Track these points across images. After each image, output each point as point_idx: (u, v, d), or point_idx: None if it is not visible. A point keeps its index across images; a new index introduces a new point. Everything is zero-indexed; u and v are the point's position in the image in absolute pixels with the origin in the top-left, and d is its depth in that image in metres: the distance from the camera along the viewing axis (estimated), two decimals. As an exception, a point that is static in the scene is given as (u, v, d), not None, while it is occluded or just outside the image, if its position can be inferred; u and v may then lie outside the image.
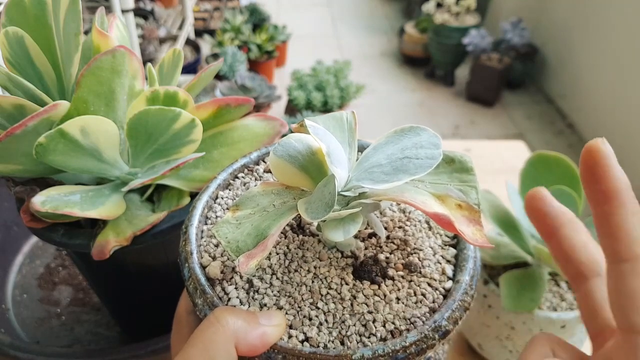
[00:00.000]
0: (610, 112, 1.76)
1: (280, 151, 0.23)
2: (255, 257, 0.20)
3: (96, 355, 0.40)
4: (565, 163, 0.41)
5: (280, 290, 0.24)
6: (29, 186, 0.34)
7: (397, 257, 0.26)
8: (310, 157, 0.24)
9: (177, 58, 0.37)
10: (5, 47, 0.32)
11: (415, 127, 0.24)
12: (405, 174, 0.22)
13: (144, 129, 0.31)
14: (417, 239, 0.27)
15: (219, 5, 2.72)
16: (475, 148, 0.77)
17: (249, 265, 0.20)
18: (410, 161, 0.22)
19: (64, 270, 0.54)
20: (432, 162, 0.22)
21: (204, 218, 0.27)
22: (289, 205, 0.23)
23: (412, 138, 0.24)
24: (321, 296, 0.23)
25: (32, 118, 0.28)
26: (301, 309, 0.23)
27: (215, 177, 0.29)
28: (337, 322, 0.23)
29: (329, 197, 0.21)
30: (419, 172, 0.22)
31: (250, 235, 0.22)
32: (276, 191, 0.24)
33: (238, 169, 0.30)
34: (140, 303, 0.44)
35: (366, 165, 0.23)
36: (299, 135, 0.24)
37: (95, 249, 0.33)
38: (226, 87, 1.55)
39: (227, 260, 0.25)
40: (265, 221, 0.22)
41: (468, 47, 2.11)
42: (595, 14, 1.84)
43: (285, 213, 0.22)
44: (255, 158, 0.31)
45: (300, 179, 0.24)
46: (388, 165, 0.22)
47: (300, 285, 0.24)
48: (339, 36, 2.85)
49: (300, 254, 0.25)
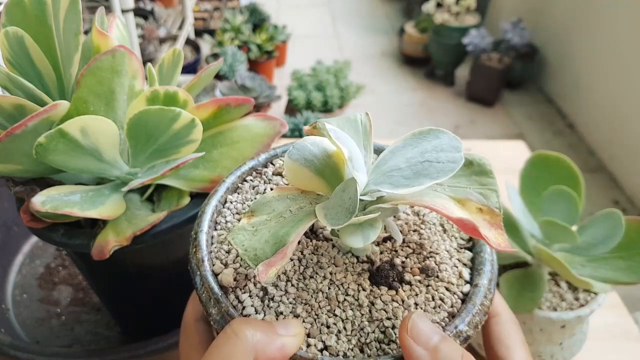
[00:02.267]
0: (610, 112, 1.76)
1: (296, 155, 0.23)
2: (274, 265, 0.20)
3: (96, 355, 0.40)
4: (565, 163, 0.41)
5: (296, 298, 0.23)
6: (29, 186, 0.34)
7: (413, 261, 0.25)
8: (327, 160, 0.23)
9: (177, 58, 0.37)
10: (5, 47, 0.32)
11: (434, 130, 0.23)
12: (426, 178, 0.21)
13: (143, 129, 0.31)
14: (432, 242, 0.26)
15: (219, 5, 2.72)
16: (475, 148, 0.77)
17: (269, 274, 0.19)
18: (432, 165, 0.22)
19: (64, 270, 0.54)
20: (455, 165, 0.21)
21: (213, 223, 0.26)
22: (307, 210, 0.23)
23: (432, 141, 0.23)
24: (339, 303, 0.23)
25: (32, 118, 0.28)
26: (318, 317, 0.22)
27: (223, 180, 0.29)
28: (356, 330, 0.22)
29: (350, 202, 0.20)
30: (441, 177, 0.21)
31: (269, 242, 0.21)
32: (292, 196, 0.24)
33: (246, 171, 0.30)
34: (140, 303, 0.44)
35: (384, 169, 0.23)
36: (314, 138, 0.24)
37: (95, 249, 0.33)
38: (226, 87, 1.55)
39: (239, 267, 0.24)
40: (283, 228, 0.22)
41: (468, 47, 2.11)
42: (595, 14, 1.84)
43: (303, 219, 0.22)
44: (264, 160, 0.31)
45: (317, 184, 0.23)
46: (408, 169, 0.22)
47: (317, 292, 0.23)
48: (339, 36, 2.85)
49: (315, 260, 0.24)
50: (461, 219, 0.20)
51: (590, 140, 1.89)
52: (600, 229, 0.37)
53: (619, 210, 0.36)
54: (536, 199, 0.41)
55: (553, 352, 0.41)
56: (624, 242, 0.36)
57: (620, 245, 0.36)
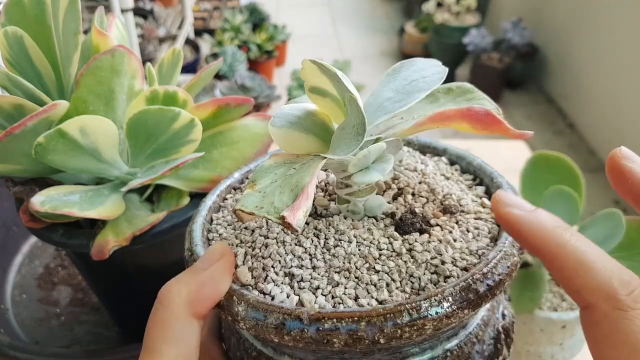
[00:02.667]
0: (611, 112, 1.76)
1: (279, 122, 0.22)
2: (300, 207, 0.18)
3: (95, 355, 0.40)
4: (566, 163, 0.41)
5: (329, 269, 0.22)
6: (28, 186, 0.34)
7: (432, 207, 0.24)
8: (312, 119, 0.23)
9: (176, 57, 0.37)
10: (4, 47, 0.32)
11: (406, 61, 0.23)
12: (419, 92, 0.20)
13: (143, 128, 0.31)
14: (442, 187, 0.26)
15: (218, 5, 2.72)
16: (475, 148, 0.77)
17: (297, 216, 0.18)
18: (419, 81, 0.21)
19: (64, 271, 0.54)
20: (441, 75, 0.21)
21: (205, 239, 0.25)
22: (312, 160, 0.21)
23: (410, 68, 0.23)
24: (376, 259, 0.22)
25: (31, 118, 0.28)
26: (360, 278, 0.21)
27: (203, 201, 0.27)
28: (405, 278, 0.21)
29: (357, 124, 0.19)
30: (433, 86, 0.20)
31: (284, 192, 0.20)
32: (288, 161, 0.22)
33: (224, 190, 0.29)
34: (139, 303, 0.44)
35: (375, 105, 0.22)
36: (291, 104, 0.23)
37: (95, 249, 0.33)
38: (226, 86, 1.55)
39: (252, 264, 0.23)
40: (294, 177, 0.20)
41: (468, 47, 2.11)
42: (596, 13, 1.84)
43: (311, 165, 0.20)
44: (239, 177, 0.30)
45: (309, 143, 0.22)
46: (398, 95, 0.21)
47: (349, 256, 0.22)
48: (339, 36, 2.85)
49: (333, 231, 0.23)
50: (473, 110, 0.19)
51: (591, 140, 1.89)
52: (601, 229, 0.37)
53: (619, 210, 0.36)
54: (537, 199, 0.41)
55: (553, 353, 0.41)
56: (625, 242, 0.36)
57: (620, 245, 0.36)
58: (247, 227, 0.25)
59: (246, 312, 0.20)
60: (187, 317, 0.19)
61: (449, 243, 0.22)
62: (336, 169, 0.23)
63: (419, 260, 0.21)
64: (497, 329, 0.25)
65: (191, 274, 0.20)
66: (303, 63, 0.21)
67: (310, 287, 0.21)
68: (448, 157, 0.29)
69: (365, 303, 0.20)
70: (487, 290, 0.19)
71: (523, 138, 0.20)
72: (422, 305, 0.19)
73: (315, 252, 0.22)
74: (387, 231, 0.23)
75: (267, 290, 0.21)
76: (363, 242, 0.22)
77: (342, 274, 0.21)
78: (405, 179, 0.26)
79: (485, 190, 0.26)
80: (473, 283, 0.19)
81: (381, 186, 0.26)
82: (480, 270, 0.20)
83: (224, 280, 0.20)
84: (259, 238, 0.24)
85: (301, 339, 0.19)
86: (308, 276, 0.21)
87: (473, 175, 0.28)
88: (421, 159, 0.29)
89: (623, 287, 0.16)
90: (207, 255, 0.21)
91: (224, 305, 0.21)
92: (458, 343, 0.22)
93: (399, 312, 0.18)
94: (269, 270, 0.22)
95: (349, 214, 0.24)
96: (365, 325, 0.18)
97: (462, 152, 0.29)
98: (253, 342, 0.24)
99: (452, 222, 0.23)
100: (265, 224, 0.25)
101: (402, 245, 0.22)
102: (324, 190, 0.27)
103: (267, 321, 0.19)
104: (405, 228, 0.23)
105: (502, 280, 0.20)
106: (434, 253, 0.22)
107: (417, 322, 0.18)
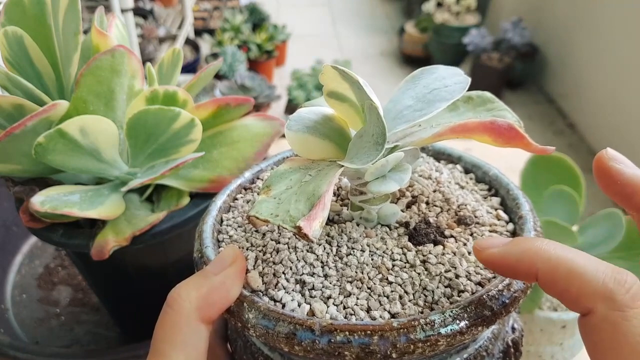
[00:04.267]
0: (611, 112, 1.76)
1: (296, 126, 0.22)
2: (317, 217, 0.18)
3: (95, 355, 0.40)
4: (566, 163, 0.41)
5: (340, 278, 0.21)
6: (28, 186, 0.34)
7: (446, 217, 0.24)
8: (329, 124, 0.22)
9: (176, 57, 0.37)
10: (4, 47, 0.32)
11: (427, 68, 0.22)
12: (441, 102, 0.20)
13: (143, 128, 0.31)
14: (457, 197, 0.25)
15: (218, 5, 2.72)
16: (475, 148, 0.77)
17: (313, 226, 0.18)
18: (441, 90, 0.20)
19: (63, 271, 0.54)
20: (464, 85, 0.20)
21: (215, 241, 0.25)
22: (328, 168, 0.21)
23: (431, 75, 0.22)
24: (389, 270, 0.21)
25: (31, 118, 0.28)
26: (373, 289, 0.21)
27: (213, 200, 0.27)
28: (419, 290, 0.20)
29: (377, 133, 0.18)
30: (455, 96, 0.20)
31: (300, 201, 0.19)
32: (304, 166, 0.22)
33: (235, 190, 0.28)
34: (139, 303, 0.44)
35: (394, 112, 0.21)
36: (308, 107, 0.23)
37: (95, 249, 0.33)
38: (226, 86, 1.55)
39: (262, 269, 0.22)
40: (311, 184, 0.20)
41: (468, 47, 2.11)
42: (595, 13, 1.84)
43: (328, 173, 0.20)
44: (250, 177, 0.29)
45: (326, 148, 0.22)
46: (419, 103, 0.21)
47: (361, 265, 0.21)
48: (339, 36, 2.85)
49: (346, 238, 0.23)
50: (496, 124, 0.18)
51: (591, 140, 1.88)
52: (601, 229, 0.37)
53: (619, 210, 0.36)
54: (537, 198, 0.41)
55: (553, 353, 0.41)
56: (625, 242, 0.36)
57: (620, 245, 0.36)
58: (257, 230, 0.24)
59: (257, 320, 0.19)
60: (196, 321, 0.19)
61: (464, 256, 0.22)
62: (351, 175, 0.23)
63: (433, 272, 0.21)
64: (507, 342, 0.24)
65: (201, 278, 0.20)
66: (324, 68, 0.21)
67: (322, 296, 0.21)
68: (463, 165, 0.29)
69: (378, 315, 0.19)
70: (501, 307, 0.19)
71: (545, 153, 0.19)
72: (436, 321, 0.18)
73: (327, 260, 0.22)
74: (401, 241, 0.23)
75: (277, 297, 0.21)
76: (376, 252, 0.22)
77: (354, 284, 0.21)
78: (419, 187, 0.26)
79: (500, 202, 0.26)
80: (489, 300, 0.19)
81: (395, 194, 0.26)
82: (495, 287, 0.19)
83: (235, 286, 0.20)
84: (270, 242, 0.23)
85: (312, 350, 0.18)
86: (320, 285, 0.21)
87: (488, 185, 0.27)
88: (435, 166, 0.28)
89: (619, 287, 0.16)
90: (218, 259, 0.21)
91: (234, 311, 0.20)
92: (467, 356, 0.22)
93: (413, 328, 0.18)
94: (279, 277, 0.22)
95: (362, 221, 0.24)
96: (378, 339, 0.18)
97: (478, 161, 0.28)
98: (260, 346, 0.23)
99: (466, 234, 0.23)
100: (277, 228, 0.24)
101: (415, 257, 0.22)
102: (336, 195, 0.26)
103: (277, 330, 0.19)
104: (419, 238, 0.23)
105: (517, 298, 0.20)
106: (448, 266, 0.21)
107: (430, 338, 0.18)
